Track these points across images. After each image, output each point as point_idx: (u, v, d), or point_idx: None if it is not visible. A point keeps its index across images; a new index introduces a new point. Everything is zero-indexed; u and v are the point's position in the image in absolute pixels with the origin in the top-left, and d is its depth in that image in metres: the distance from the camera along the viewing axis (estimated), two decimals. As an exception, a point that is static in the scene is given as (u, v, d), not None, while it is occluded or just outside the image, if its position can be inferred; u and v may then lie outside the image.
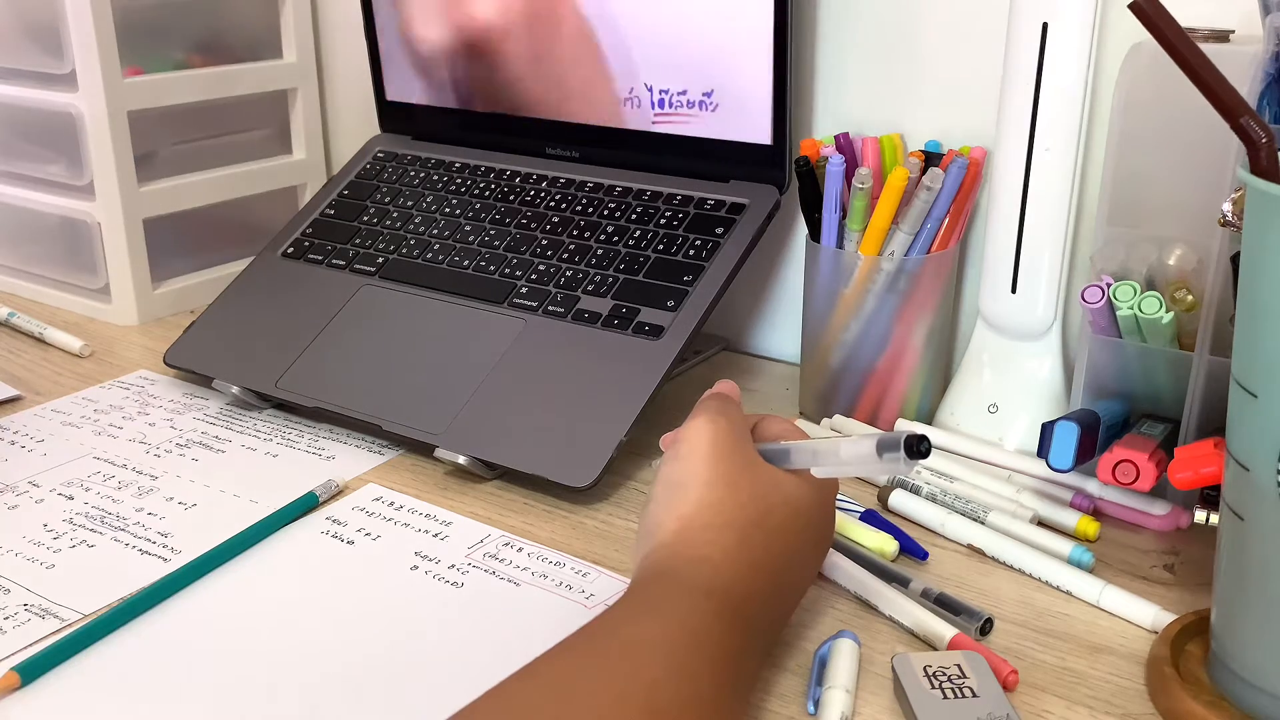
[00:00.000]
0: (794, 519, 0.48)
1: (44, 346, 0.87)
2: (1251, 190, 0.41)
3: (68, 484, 0.66)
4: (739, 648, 0.43)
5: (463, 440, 0.67)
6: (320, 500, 0.64)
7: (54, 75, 0.87)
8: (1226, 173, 0.54)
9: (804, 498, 0.49)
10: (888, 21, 0.77)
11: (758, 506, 0.47)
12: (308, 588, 0.56)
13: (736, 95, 0.76)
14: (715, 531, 0.46)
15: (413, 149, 0.91)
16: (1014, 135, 0.66)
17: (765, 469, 0.49)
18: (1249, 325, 0.42)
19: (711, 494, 0.47)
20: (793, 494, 0.48)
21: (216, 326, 0.81)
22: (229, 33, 0.96)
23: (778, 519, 0.47)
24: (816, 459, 0.49)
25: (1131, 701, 0.48)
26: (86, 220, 0.90)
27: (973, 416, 0.70)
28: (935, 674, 0.47)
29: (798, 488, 0.49)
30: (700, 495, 0.47)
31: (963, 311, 0.78)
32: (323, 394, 0.73)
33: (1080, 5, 0.63)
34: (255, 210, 0.99)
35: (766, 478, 0.48)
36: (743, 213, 0.75)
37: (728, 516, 0.46)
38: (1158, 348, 0.59)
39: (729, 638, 0.42)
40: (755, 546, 0.46)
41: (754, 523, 0.46)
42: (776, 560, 0.47)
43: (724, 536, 0.46)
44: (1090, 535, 0.60)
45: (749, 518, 0.46)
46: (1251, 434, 0.43)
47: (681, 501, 0.47)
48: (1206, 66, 0.41)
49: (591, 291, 0.73)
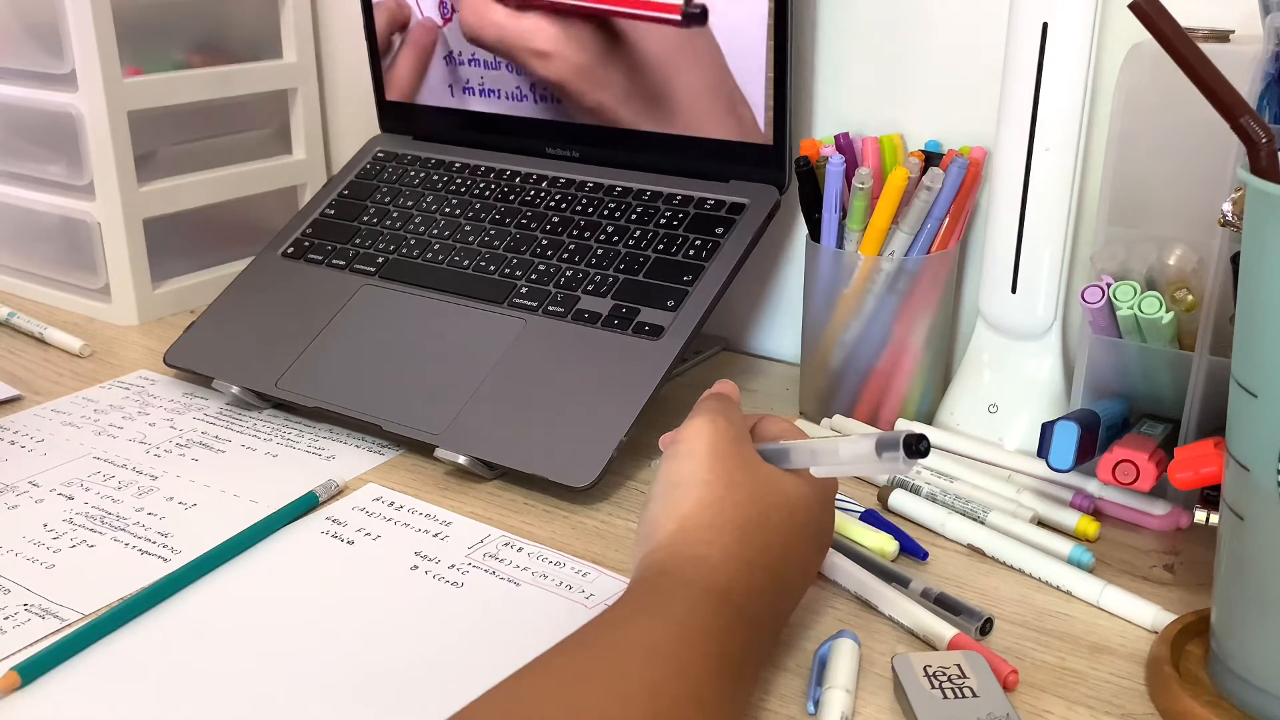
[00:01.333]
0: (793, 518, 0.48)
1: (44, 346, 0.87)
2: (1251, 190, 0.41)
3: (68, 484, 0.66)
4: (740, 646, 0.43)
5: (463, 440, 0.67)
6: (320, 500, 0.64)
7: (54, 75, 0.87)
8: (1226, 173, 0.54)
9: (803, 497, 0.49)
10: (888, 21, 0.77)
11: (757, 506, 0.47)
12: (307, 588, 0.56)
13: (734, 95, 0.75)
14: (714, 531, 0.46)
15: (413, 149, 0.91)
16: (1014, 135, 0.66)
17: (764, 468, 0.49)
18: (1249, 325, 0.42)
19: (711, 493, 0.47)
20: (792, 493, 0.48)
21: (216, 326, 0.81)
22: (229, 33, 0.96)
23: (777, 518, 0.47)
24: (815, 458, 0.49)
25: (1131, 701, 0.48)
26: (86, 220, 0.90)
27: (973, 416, 0.70)
28: (935, 674, 0.47)
29: (797, 487, 0.49)
30: (700, 495, 0.47)
31: (963, 311, 0.78)
32: (323, 394, 0.73)
33: (1080, 5, 0.63)
34: (255, 210, 0.99)
35: (765, 477, 0.48)
36: (743, 213, 0.75)
37: (727, 516, 0.46)
38: (1158, 348, 0.59)
39: (729, 636, 0.42)
40: (755, 545, 0.46)
41: (753, 522, 0.46)
42: (776, 559, 0.47)
43: (723, 536, 0.46)
44: (1090, 535, 0.60)
45: (748, 516, 0.46)
46: (1251, 434, 0.43)
47: (681, 501, 0.47)
48: (1206, 66, 0.41)
49: (591, 291, 0.73)
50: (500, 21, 0.82)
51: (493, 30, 0.83)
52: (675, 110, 0.78)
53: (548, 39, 0.80)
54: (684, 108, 0.77)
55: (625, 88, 0.79)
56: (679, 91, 0.77)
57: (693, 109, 0.77)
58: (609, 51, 0.78)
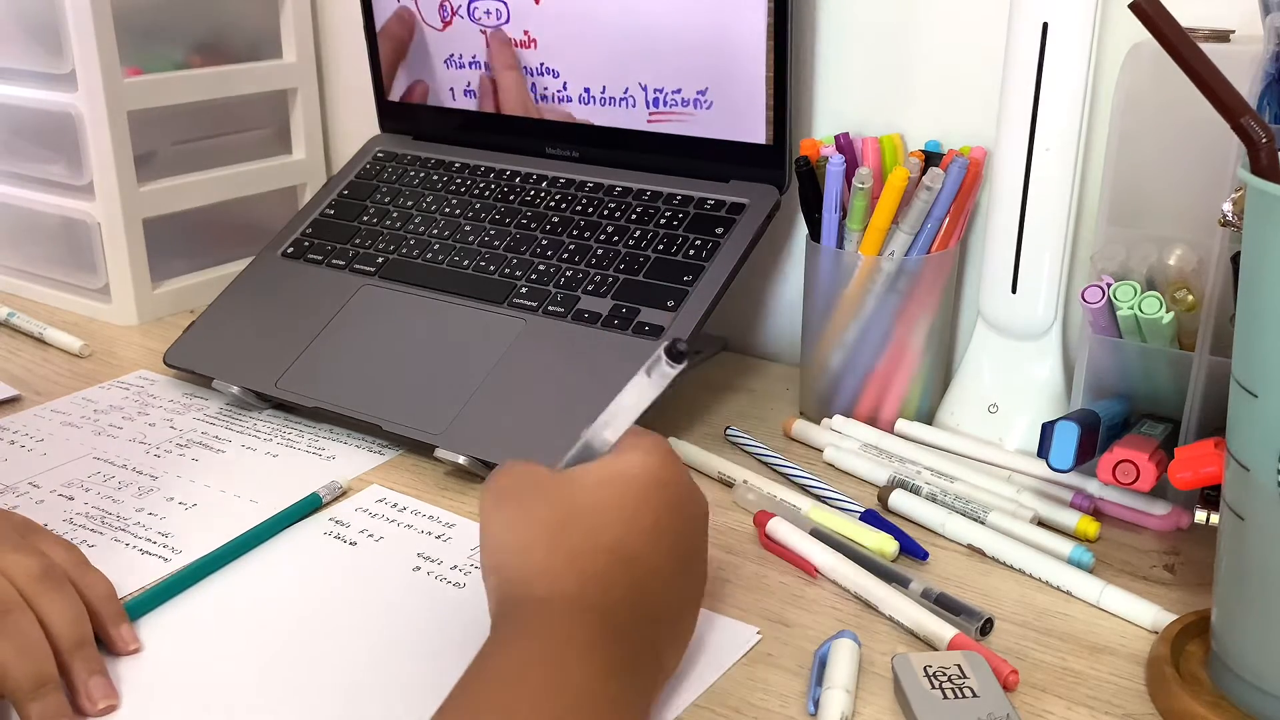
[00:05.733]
0: (613, 496, 0.47)
1: (44, 346, 0.87)
2: (1251, 190, 0.41)
3: (68, 484, 0.66)
4: (604, 633, 0.42)
5: (463, 440, 0.67)
6: (324, 501, 0.64)
7: (54, 75, 0.87)
8: (1226, 173, 0.54)
9: (616, 472, 0.48)
10: (888, 21, 0.77)
11: (558, 508, 0.46)
12: (309, 589, 0.56)
13: (734, 95, 0.76)
14: (520, 555, 0.45)
15: (413, 149, 0.91)
16: (1014, 135, 0.66)
17: (560, 477, 0.48)
18: (1249, 325, 0.42)
19: (509, 531, 0.46)
20: (600, 476, 0.47)
21: (216, 326, 0.81)
22: (229, 33, 0.96)
23: (589, 503, 0.46)
24: (607, 425, 0.49)
25: (1131, 701, 0.48)
26: (86, 220, 0.90)
27: (973, 416, 0.71)
28: (935, 674, 0.47)
29: (604, 467, 0.48)
30: (500, 540, 0.46)
31: (963, 311, 0.78)
32: (323, 394, 0.73)
33: (1080, 5, 0.63)
34: (255, 210, 0.99)
35: (562, 481, 0.47)
36: (743, 213, 0.75)
37: (529, 536, 0.46)
38: (1158, 348, 0.59)
39: (582, 630, 0.42)
40: (570, 541, 0.45)
41: (559, 523, 0.46)
42: (608, 539, 0.46)
43: (531, 554, 0.45)
44: (1090, 535, 0.60)
45: (554, 520, 0.46)
46: (1251, 434, 0.43)
47: (491, 555, 0.47)
48: (1206, 66, 0.41)
49: (591, 291, 0.73)
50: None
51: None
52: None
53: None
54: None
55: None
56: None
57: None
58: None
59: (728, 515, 0.63)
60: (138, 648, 0.51)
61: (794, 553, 0.58)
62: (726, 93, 0.76)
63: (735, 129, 0.76)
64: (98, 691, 0.47)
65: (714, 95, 0.76)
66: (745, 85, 0.75)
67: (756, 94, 0.75)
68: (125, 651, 0.51)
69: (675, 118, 0.79)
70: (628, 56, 0.79)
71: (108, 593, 0.52)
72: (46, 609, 0.48)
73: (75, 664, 0.48)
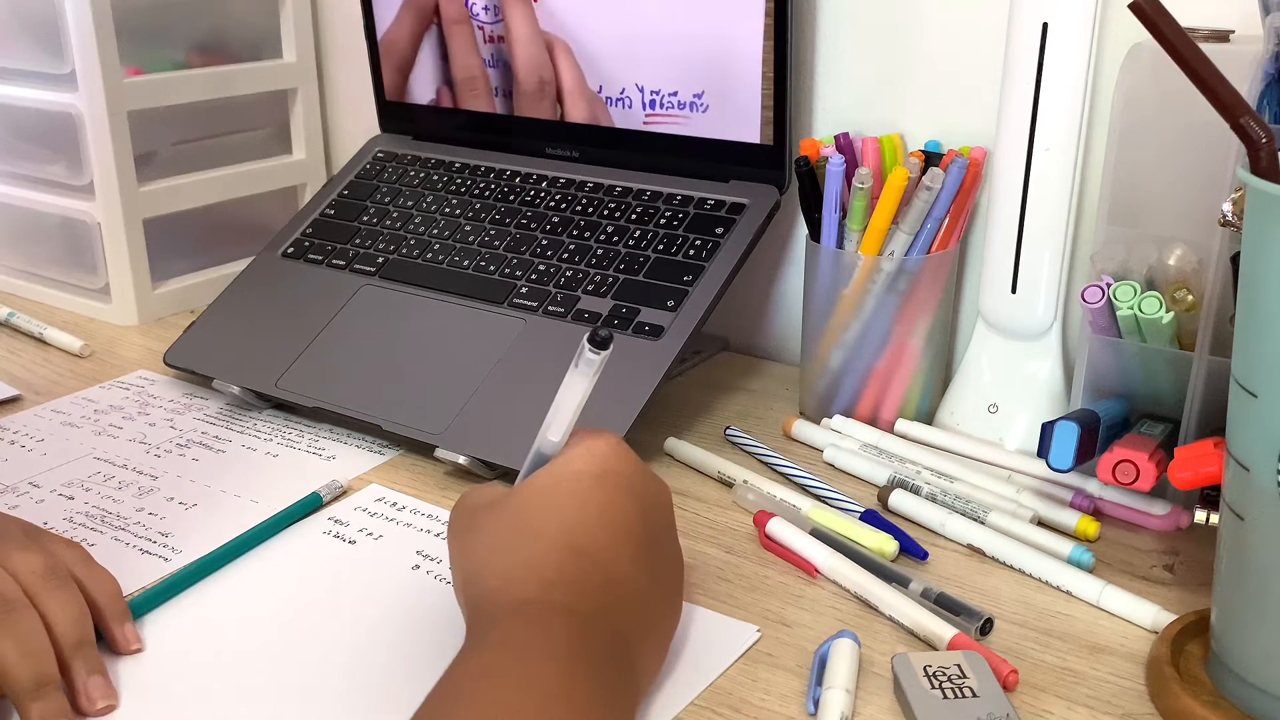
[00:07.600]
0: (560, 495, 0.47)
1: (44, 346, 0.87)
2: (1251, 190, 0.41)
3: (68, 484, 0.66)
4: (570, 629, 0.43)
5: (463, 440, 0.67)
6: (324, 500, 0.64)
7: (54, 75, 0.87)
8: (1226, 173, 0.54)
9: (562, 472, 0.48)
10: (887, 21, 0.77)
11: (509, 520, 0.47)
12: (309, 588, 0.56)
13: (734, 95, 0.76)
14: (480, 574, 0.46)
15: (413, 149, 0.91)
16: (1014, 135, 0.66)
17: (511, 491, 0.49)
18: (1249, 325, 0.42)
19: (468, 556, 0.47)
20: (547, 480, 0.48)
21: (216, 326, 0.81)
22: (229, 33, 0.96)
23: (538, 507, 0.47)
24: (549, 427, 0.49)
25: (1131, 701, 0.48)
26: (86, 220, 0.90)
27: (973, 416, 0.71)
28: (935, 674, 0.47)
29: (549, 470, 0.48)
30: (462, 565, 0.48)
31: (963, 311, 0.78)
32: (323, 394, 0.73)
33: (1080, 5, 0.63)
34: (255, 210, 0.99)
35: (514, 494, 0.48)
36: (743, 213, 0.75)
37: (486, 554, 0.46)
38: (1158, 348, 0.59)
39: (549, 630, 0.42)
40: (526, 549, 0.46)
41: (512, 534, 0.46)
42: (562, 539, 0.46)
43: (488, 571, 0.46)
44: (1090, 535, 0.60)
45: (506, 533, 0.47)
46: (1251, 434, 0.43)
47: (458, 580, 0.48)
48: (1206, 66, 0.41)
49: (591, 291, 0.73)
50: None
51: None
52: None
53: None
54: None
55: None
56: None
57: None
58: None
59: (728, 515, 0.63)
60: (140, 647, 0.51)
61: (794, 553, 0.58)
62: (726, 93, 0.76)
63: (735, 129, 0.76)
64: (96, 691, 0.47)
65: (711, 98, 0.76)
66: (745, 85, 0.75)
67: (756, 94, 0.75)
68: (128, 651, 0.51)
69: (670, 120, 0.79)
70: (625, 58, 0.79)
71: (114, 591, 0.52)
72: (50, 607, 0.48)
73: (75, 663, 0.48)
